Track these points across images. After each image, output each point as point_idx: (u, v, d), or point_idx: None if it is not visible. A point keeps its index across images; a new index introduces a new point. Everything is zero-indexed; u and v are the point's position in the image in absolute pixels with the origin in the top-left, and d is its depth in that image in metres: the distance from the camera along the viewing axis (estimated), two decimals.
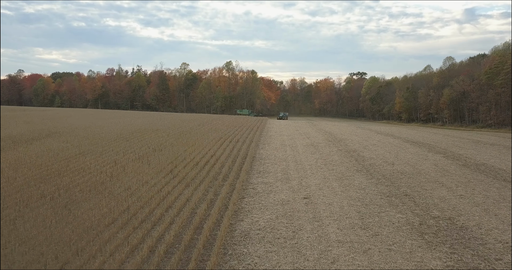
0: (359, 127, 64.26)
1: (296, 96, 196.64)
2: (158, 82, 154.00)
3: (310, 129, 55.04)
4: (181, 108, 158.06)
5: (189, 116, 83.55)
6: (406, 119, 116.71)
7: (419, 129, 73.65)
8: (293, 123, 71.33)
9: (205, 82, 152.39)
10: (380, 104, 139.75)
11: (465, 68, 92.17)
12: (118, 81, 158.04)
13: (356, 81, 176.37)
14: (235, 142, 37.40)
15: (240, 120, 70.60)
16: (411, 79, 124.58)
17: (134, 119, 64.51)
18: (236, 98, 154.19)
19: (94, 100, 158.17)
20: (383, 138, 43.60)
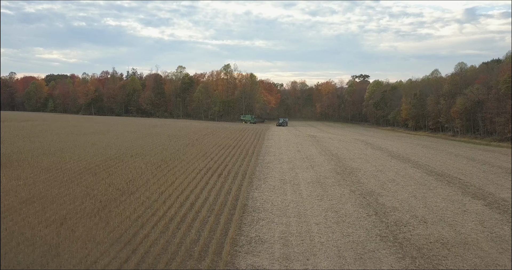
0: (368, 144, 57.80)
1: (297, 100, 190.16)
2: (153, 86, 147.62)
3: (314, 150, 48.65)
4: (177, 113, 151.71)
5: (181, 127, 77.20)
6: (413, 126, 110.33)
7: (432, 141, 67.30)
8: (294, 138, 64.95)
9: (202, 86, 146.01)
10: (384, 110, 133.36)
11: (478, 75, 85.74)
12: (112, 85, 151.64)
13: (359, 84, 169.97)
14: (224, 176, 31.04)
15: (235, 135, 64.22)
16: (417, 84, 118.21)
17: (117, 134, 58.13)
18: (235, 103, 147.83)
19: (87, 104, 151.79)
20: (401, 168, 37.22)
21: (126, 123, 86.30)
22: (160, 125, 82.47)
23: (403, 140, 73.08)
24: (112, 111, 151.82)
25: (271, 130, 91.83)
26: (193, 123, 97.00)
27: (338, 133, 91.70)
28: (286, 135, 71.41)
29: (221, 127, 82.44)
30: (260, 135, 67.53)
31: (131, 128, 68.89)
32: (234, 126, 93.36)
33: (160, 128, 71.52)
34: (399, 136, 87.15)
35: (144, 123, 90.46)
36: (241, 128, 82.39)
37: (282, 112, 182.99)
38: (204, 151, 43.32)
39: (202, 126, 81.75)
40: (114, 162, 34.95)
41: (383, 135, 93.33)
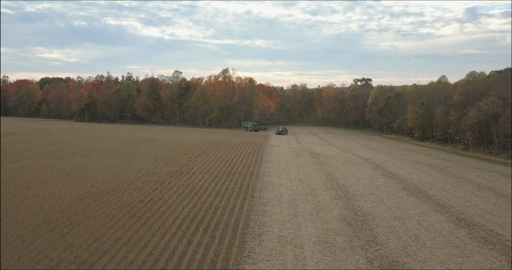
0: (377, 167, 52.05)
1: (297, 104, 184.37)
2: (149, 91, 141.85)
3: (317, 179, 42.93)
4: (174, 120, 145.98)
5: (172, 143, 71.52)
6: (419, 136, 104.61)
7: (444, 158, 61.63)
8: (295, 158, 59.20)
9: (200, 91, 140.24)
10: (388, 117, 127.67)
11: (491, 85, 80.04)
12: (106, 90, 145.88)
13: (361, 88, 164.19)
14: (211, 231, 25.36)
15: (231, 155, 58.45)
16: (423, 90, 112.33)
17: (99, 156, 52.48)
18: (233, 109, 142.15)
19: (80, 110, 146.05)
20: (422, 211, 31.59)
21: (115, 136, 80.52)
22: (151, 139, 76.72)
23: (412, 156, 67.35)
24: (106, 117, 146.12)
25: (271, 142, 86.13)
26: (187, 135, 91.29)
27: (341, 145, 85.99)
28: (286, 152, 65.66)
29: (217, 142, 76.74)
30: (258, 153, 61.77)
31: (117, 146, 63.13)
32: (231, 139, 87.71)
33: (149, 145, 65.81)
34: (406, 149, 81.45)
35: (134, 136, 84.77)
36: (239, 143, 76.69)
37: (282, 116, 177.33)
38: (193, 185, 37.64)
39: (196, 141, 76.04)
40: (82, 207, 29.29)
41: (389, 147, 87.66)
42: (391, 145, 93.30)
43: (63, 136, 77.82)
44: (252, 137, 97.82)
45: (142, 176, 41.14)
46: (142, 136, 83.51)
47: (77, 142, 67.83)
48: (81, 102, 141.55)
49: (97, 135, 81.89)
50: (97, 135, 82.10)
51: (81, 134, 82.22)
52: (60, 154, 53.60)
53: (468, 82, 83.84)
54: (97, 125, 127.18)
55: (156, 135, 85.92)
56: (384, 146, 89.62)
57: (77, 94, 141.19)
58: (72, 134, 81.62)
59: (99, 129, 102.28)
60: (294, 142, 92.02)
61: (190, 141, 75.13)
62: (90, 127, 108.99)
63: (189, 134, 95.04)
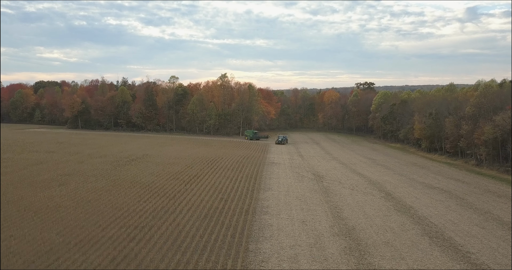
0: (389, 196, 46.16)
1: (298, 109, 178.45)
2: (144, 97, 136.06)
3: (323, 218, 37.07)
4: (170, 127, 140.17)
5: (164, 162, 65.75)
6: (426, 147, 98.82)
7: (459, 179, 55.87)
8: (297, 183, 53.32)
9: (197, 97, 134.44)
10: (393, 124, 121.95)
11: (507, 97, 74.19)
12: (100, 96, 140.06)
13: (364, 94, 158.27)
14: None
15: (226, 179, 52.52)
16: (430, 99, 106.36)
17: (71, 188, 46.69)
18: (232, 115, 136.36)
19: (73, 117, 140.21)
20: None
21: (103, 152, 74.64)
22: (141, 156, 70.86)
23: (423, 176, 61.50)
24: (100, 124, 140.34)
25: (271, 156, 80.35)
26: (182, 149, 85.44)
27: (346, 160, 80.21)
28: (287, 174, 59.73)
29: (212, 159, 70.95)
30: (256, 176, 55.86)
31: (102, 168, 57.27)
32: (228, 153, 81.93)
33: (137, 166, 59.91)
34: (415, 165, 75.65)
35: (124, 151, 79.06)
36: (236, 160, 70.88)
37: (283, 121, 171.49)
38: (177, 231, 31.84)
39: (190, 158, 70.22)
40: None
41: (396, 161, 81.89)
42: (397, 158, 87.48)
43: (47, 152, 72.04)
44: (251, 149, 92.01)
45: (121, 215, 35.38)
46: (132, 151, 77.67)
47: (60, 162, 62.05)
48: (74, 109, 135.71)
49: (84, 150, 76.06)
50: (85, 150, 76.27)
51: (68, 150, 76.42)
52: (35, 181, 47.84)
53: (482, 94, 77.88)
54: (90, 133, 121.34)
55: (148, 150, 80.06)
56: (391, 160, 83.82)
57: (70, 101, 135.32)
58: (58, 150, 75.85)
59: (89, 140, 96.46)
60: (295, 155, 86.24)
61: (183, 158, 69.28)
62: (80, 138, 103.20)
63: (184, 147, 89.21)
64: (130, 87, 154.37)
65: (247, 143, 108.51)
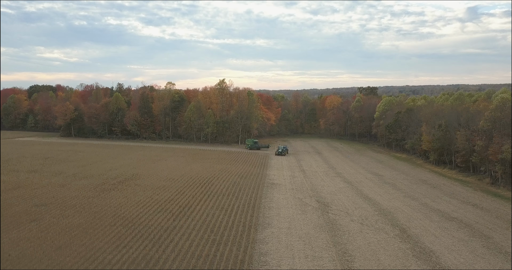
0: (408, 243, 40.27)
1: (299, 114, 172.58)
2: (139, 104, 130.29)
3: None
4: (166, 135, 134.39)
5: (152, 186, 59.98)
6: (435, 160, 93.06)
7: (478, 204, 50.17)
8: (300, 215, 47.50)
9: (194, 104, 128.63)
10: (398, 133, 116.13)
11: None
12: (94, 103, 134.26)
13: (367, 99, 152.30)
14: None
15: (219, 215, 46.57)
16: (438, 108, 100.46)
17: (51, 220, 40.96)
18: (230, 123, 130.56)
19: (66, 124, 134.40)
20: None
21: (88, 172, 68.79)
22: (130, 177, 64.98)
23: (437, 200, 55.73)
24: (94, 132, 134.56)
25: (270, 173, 74.66)
26: (175, 166, 79.64)
27: (351, 177, 74.53)
28: (289, 201, 53.93)
29: (206, 180, 65.21)
30: (254, 206, 50.06)
31: (82, 195, 51.41)
32: (225, 169, 76.18)
33: (123, 193, 54.06)
34: (426, 184, 69.92)
35: (112, 170, 73.37)
36: (233, 181, 65.13)
37: (283, 127, 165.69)
38: None
39: (182, 181, 64.46)
40: None
41: (405, 177, 76.19)
42: (405, 173, 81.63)
43: (29, 172, 66.32)
44: (250, 163, 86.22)
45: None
46: (122, 169, 71.82)
47: (40, 186, 56.32)
48: (67, 117, 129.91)
49: (69, 169, 70.25)
50: (70, 169, 70.47)
51: (52, 168, 70.57)
52: (5, 214, 42.12)
53: (498, 108, 72.07)
54: (81, 144, 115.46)
55: (139, 168, 74.16)
56: (398, 176, 78.05)
57: (62, 108, 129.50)
58: (41, 168, 70.08)
59: (78, 154, 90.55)
60: (296, 170, 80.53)
61: (175, 180, 63.45)
62: (69, 151, 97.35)
63: (178, 162, 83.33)
64: (125, 93, 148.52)
65: (246, 154, 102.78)
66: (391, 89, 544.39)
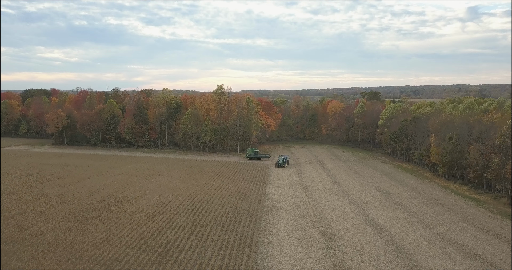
0: None
1: (300, 119, 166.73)
2: (134, 111, 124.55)
3: None
4: (162, 142, 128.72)
5: (142, 206, 54.28)
6: (444, 174, 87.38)
7: (501, 234, 44.56)
8: (303, 255, 41.80)
9: (191, 111, 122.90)
10: (403, 142, 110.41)
11: None
12: (87, 110, 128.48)
13: (370, 105, 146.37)
14: None
15: (211, 254, 40.85)
16: (447, 118, 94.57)
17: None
18: (229, 131, 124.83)
19: (58, 132, 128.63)
20: None
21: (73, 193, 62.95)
22: (117, 200, 59.07)
23: (454, 226, 50.05)
24: (88, 140, 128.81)
25: (270, 192, 68.99)
26: (168, 183, 73.90)
27: (357, 196, 68.91)
28: (290, 232, 48.15)
29: (200, 203, 59.50)
30: (251, 242, 44.30)
31: (57, 227, 45.58)
32: (221, 187, 70.51)
33: (107, 222, 48.27)
34: (439, 204, 64.24)
35: (99, 191, 67.65)
36: (229, 204, 59.41)
37: (284, 133, 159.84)
38: None
39: (173, 205, 58.69)
40: None
41: (415, 195, 70.58)
42: (415, 190, 75.87)
43: (6, 194, 60.53)
44: (248, 179, 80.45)
45: None
46: (110, 189, 66.00)
47: (15, 214, 50.57)
48: (58, 124, 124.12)
49: (53, 190, 64.44)
50: (53, 189, 64.67)
51: (33, 189, 64.80)
52: None
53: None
54: (72, 154, 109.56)
55: (129, 187, 68.31)
56: (407, 193, 72.33)
57: (54, 115, 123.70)
58: (21, 189, 64.27)
59: (66, 169, 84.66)
60: (298, 187, 74.84)
61: (165, 204, 57.59)
62: (57, 165, 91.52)
63: (172, 179, 77.48)
64: (120, 98, 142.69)
65: (245, 166, 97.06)
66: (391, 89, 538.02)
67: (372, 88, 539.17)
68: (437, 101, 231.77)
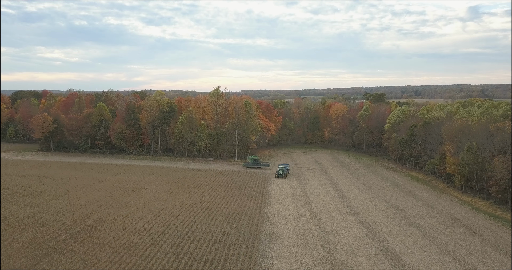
0: None
1: (301, 122, 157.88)
2: (125, 115, 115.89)
3: None
4: (155, 148, 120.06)
5: (119, 234, 45.55)
6: (461, 186, 78.72)
7: None
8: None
9: (185, 116, 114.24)
10: (413, 148, 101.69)
11: None
12: (75, 114, 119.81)
13: (375, 107, 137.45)
14: None
15: None
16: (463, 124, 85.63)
17: None
18: (226, 136, 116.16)
19: (45, 137, 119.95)
20: None
21: (42, 216, 54.01)
22: (90, 226, 50.08)
23: (486, 256, 41.44)
24: (76, 146, 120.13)
25: (269, 210, 60.37)
26: (151, 208, 65.17)
27: (367, 214, 60.28)
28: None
29: (189, 226, 50.78)
30: None
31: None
32: (216, 206, 61.81)
33: (71, 259, 39.62)
34: (458, 223, 55.60)
35: (73, 212, 58.91)
36: (220, 235, 50.69)
37: (284, 137, 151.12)
38: None
39: (157, 231, 49.90)
40: None
41: (431, 211, 61.99)
42: (431, 206, 67.17)
43: None
44: (245, 194, 71.77)
45: None
46: (85, 210, 57.22)
47: None
48: (44, 129, 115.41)
49: (19, 211, 55.66)
50: (20, 211, 55.87)
51: (3, 212, 56.16)
52: None
53: None
54: (57, 161, 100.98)
55: (107, 207, 59.49)
56: (423, 210, 63.70)
57: (39, 120, 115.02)
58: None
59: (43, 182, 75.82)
60: (301, 203, 66.22)
61: (146, 231, 48.93)
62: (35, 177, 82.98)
63: (159, 194, 68.75)
64: (111, 101, 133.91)
65: (243, 176, 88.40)
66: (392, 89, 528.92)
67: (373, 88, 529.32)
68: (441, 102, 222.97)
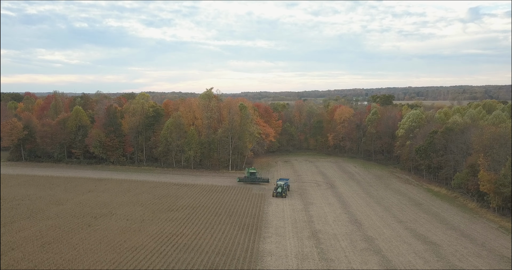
0: None
1: (303, 127, 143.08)
2: (104, 121, 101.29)
3: None
4: (139, 158, 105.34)
5: None
6: (498, 207, 64.10)
7: None
8: None
9: (172, 121, 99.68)
10: (432, 158, 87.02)
11: None
12: (50, 119, 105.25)
13: (385, 111, 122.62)
14: None
15: None
16: (498, 132, 70.81)
17: None
18: (218, 144, 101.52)
19: (15, 146, 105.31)
20: None
21: None
22: None
23: None
24: (50, 155, 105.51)
25: (265, 250, 45.78)
26: (108, 241, 50.30)
27: (389, 248, 45.75)
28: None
29: None
30: None
31: None
32: (198, 239, 47.11)
33: None
34: None
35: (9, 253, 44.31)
36: None
37: (285, 142, 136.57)
38: None
39: None
40: None
41: (472, 246, 47.56)
42: (469, 237, 52.55)
43: None
44: (236, 220, 57.07)
45: None
46: (13, 255, 42.70)
47: None
48: (13, 137, 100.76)
49: None
50: None
51: None
52: None
53: None
54: (22, 174, 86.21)
55: (45, 251, 44.54)
56: (463, 246, 49.02)
57: (7, 126, 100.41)
58: None
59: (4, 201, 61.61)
60: (305, 236, 51.69)
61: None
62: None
63: (127, 223, 53.86)
64: (92, 105, 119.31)
65: (235, 194, 73.84)
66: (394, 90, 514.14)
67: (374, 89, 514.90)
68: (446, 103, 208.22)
